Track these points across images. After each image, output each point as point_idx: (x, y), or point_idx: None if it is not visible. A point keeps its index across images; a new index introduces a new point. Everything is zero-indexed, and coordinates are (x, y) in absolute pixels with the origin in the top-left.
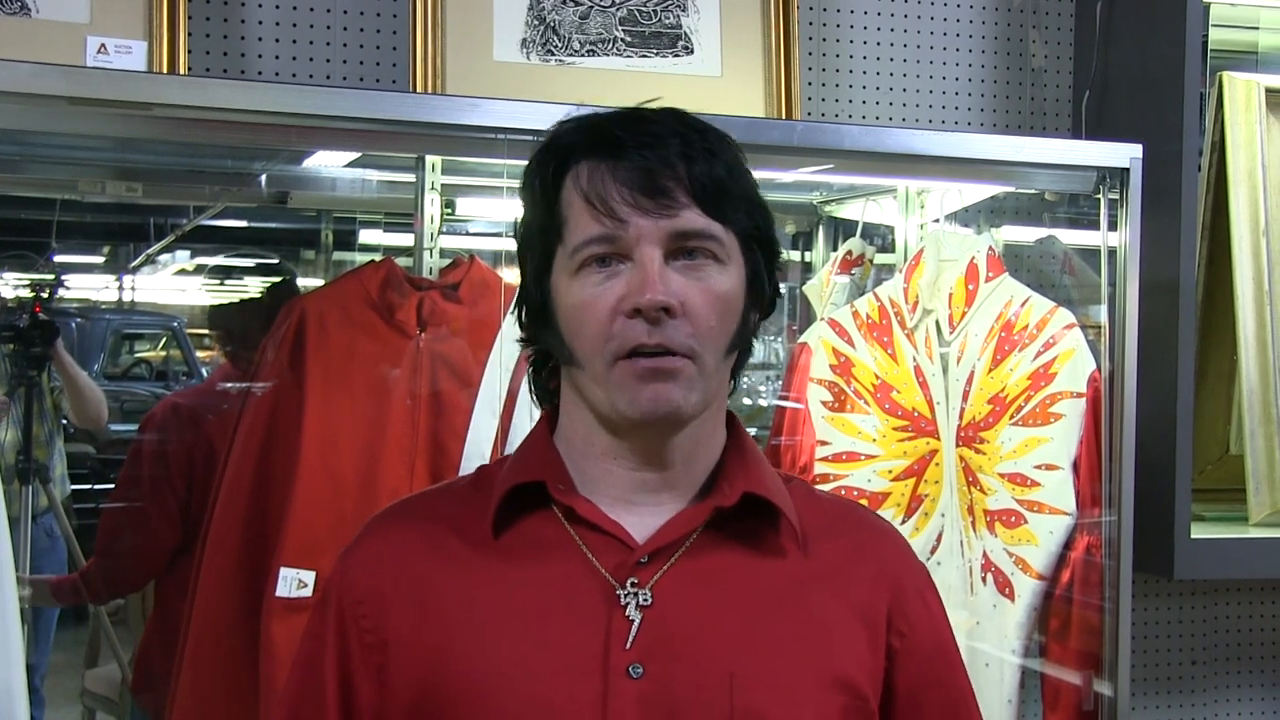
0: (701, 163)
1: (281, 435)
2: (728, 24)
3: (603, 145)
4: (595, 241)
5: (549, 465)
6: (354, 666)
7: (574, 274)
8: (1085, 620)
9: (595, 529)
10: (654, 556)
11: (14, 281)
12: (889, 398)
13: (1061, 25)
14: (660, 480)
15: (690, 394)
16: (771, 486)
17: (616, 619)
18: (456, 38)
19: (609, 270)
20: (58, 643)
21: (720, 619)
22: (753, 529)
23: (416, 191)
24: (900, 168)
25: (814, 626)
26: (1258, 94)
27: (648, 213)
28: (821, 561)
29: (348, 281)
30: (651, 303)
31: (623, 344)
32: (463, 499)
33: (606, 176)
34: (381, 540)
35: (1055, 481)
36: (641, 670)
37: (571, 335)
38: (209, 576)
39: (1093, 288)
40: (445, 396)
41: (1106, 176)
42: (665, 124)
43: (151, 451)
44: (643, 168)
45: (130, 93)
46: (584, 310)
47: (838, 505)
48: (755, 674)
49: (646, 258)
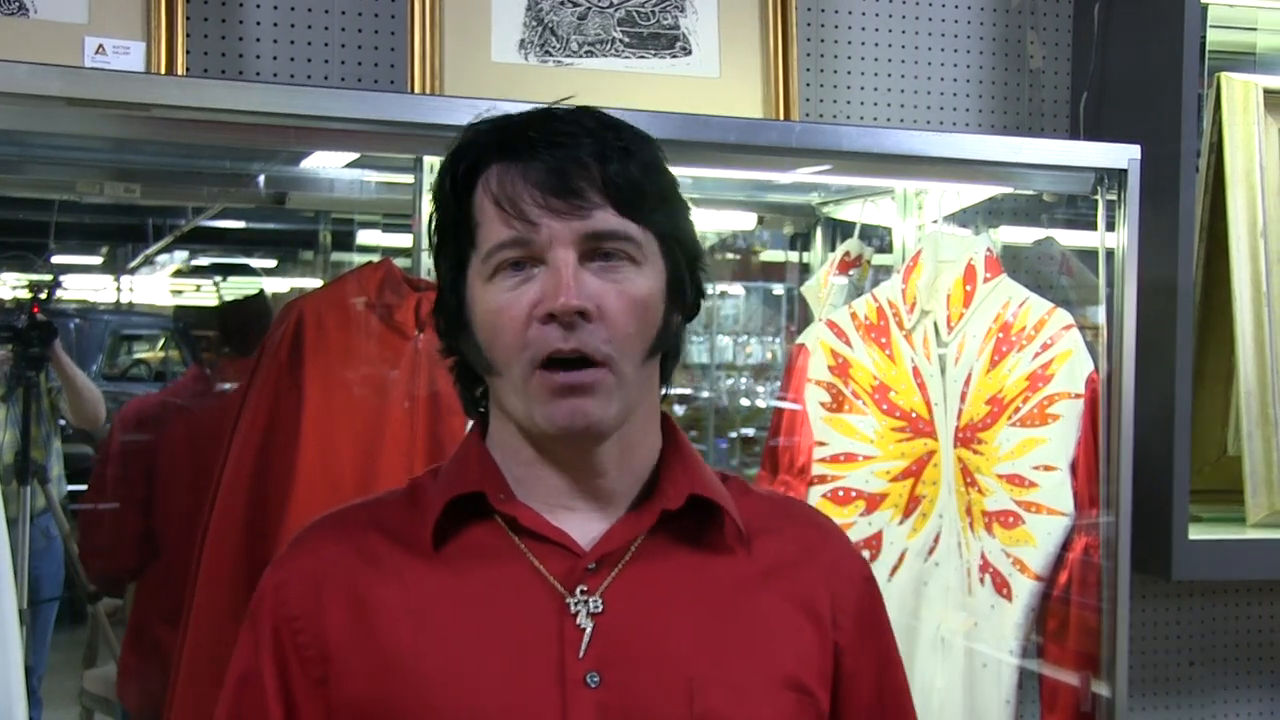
0: (616, 162)
1: (280, 437)
2: (726, 25)
3: (513, 146)
4: (507, 246)
5: (486, 474)
6: (295, 685)
7: (488, 280)
8: (1083, 621)
9: (539, 537)
10: (601, 562)
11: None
12: (887, 399)
13: (1059, 26)
14: (595, 488)
15: (609, 406)
16: (714, 486)
17: (568, 628)
18: (454, 39)
19: (523, 274)
20: (56, 643)
21: (673, 623)
22: (697, 530)
23: (414, 192)
24: (898, 169)
25: (764, 626)
26: (1255, 95)
27: (559, 214)
28: (765, 559)
29: (346, 282)
30: (565, 307)
31: (538, 351)
32: (399, 510)
33: (517, 178)
34: (313, 554)
35: (1053, 482)
36: (599, 679)
37: (488, 343)
38: (208, 578)
39: (1090, 289)
40: (443, 397)
41: (1104, 177)
42: (578, 123)
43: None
44: (554, 168)
45: (128, 93)
46: (498, 317)
47: (776, 502)
48: (712, 677)
49: (560, 261)
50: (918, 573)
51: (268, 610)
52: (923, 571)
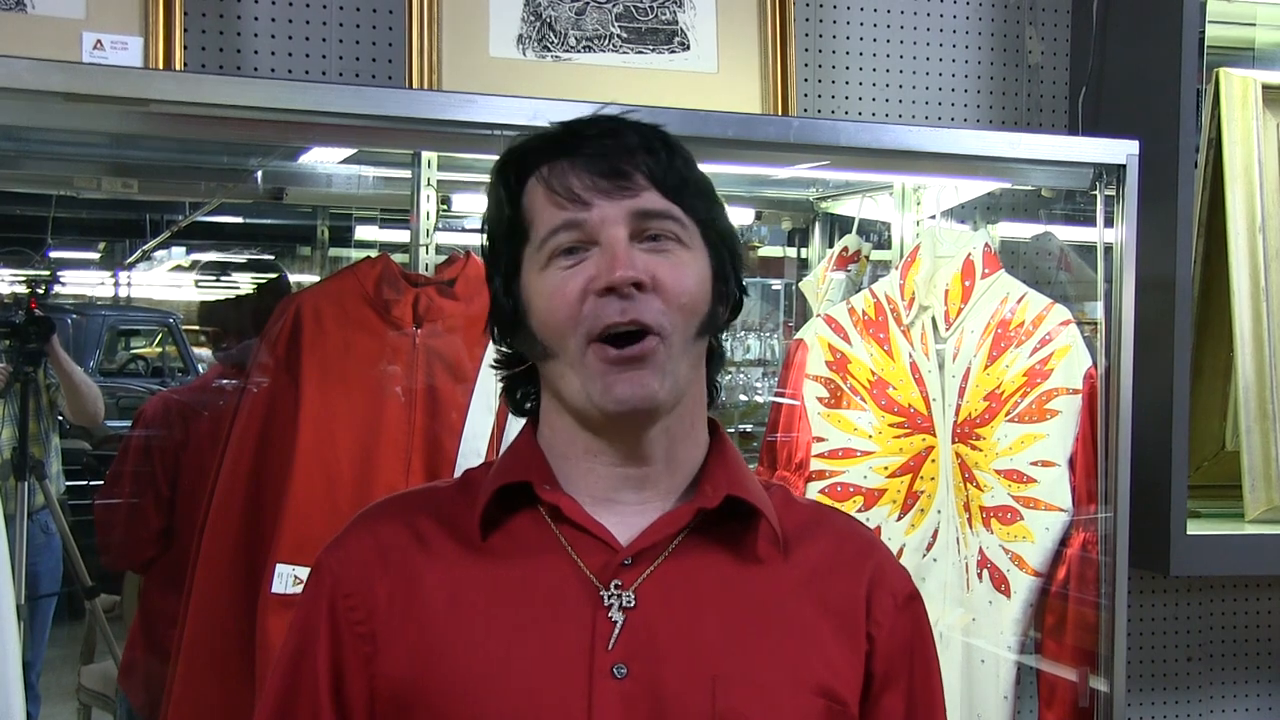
0: (661, 153)
1: (277, 431)
2: (724, 20)
3: (561, 143)
4: (561, 229)
5: (534, 466)
6: (346, 658)
7: (543, 268)
8: (1081, 616)
9: (580, 529)
10: (638, 558)
11: (10, 277)
12: (885, 394)
13: (1058, 21)
14: (642, 477)
15: (664, 379)
16: (754, 490)
17: (600, 620)
18: (452, 33)
19: (576, 258)
20: (54, 639)
21: (703, 622)
22: (735, 533)
23: (412, 187)
24: (897, 164)
25: (795, 633)
26: (1254, 90)
27: (609, 195)
28: (802, 568)
29: (344, 278)
30: (623, 278)
31: (595, 323)
32: (450, 499)
33: (567, 168)
34: (370, 535)
35: (1051, 478)
36: (626, 671)
37: (542, 326)
38: (205, 572)
39: (1089, 284)
40: (441, 392)
41: (1103, 173)
42: (621, 120)
43: (138, 446)
44: (602, 154)
45: (126, 88)
46: (553, 298)
47: (817, 511)
48: (737, 677)
49: (612, 238)
50: (916, 568)
51: (326, 588)
52: (921, 567)
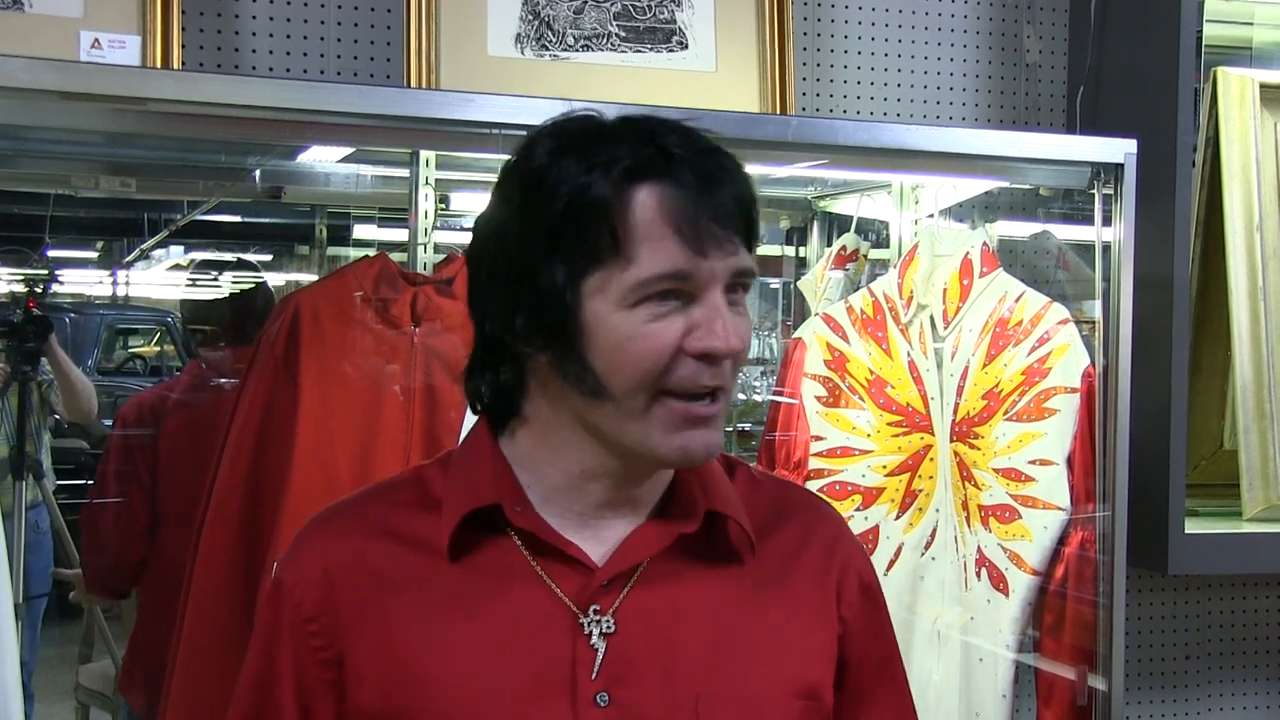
0: (752, 205)
1: (276, 430)
2: (722, 19)
3: (672, 164)
4: (671, 276)
5: (502, 484)
6: (311, 687)
7: (630, 306)
8: (1079, 615)
9: (554, 552)
10: (614, 580)
11: (8, 276)
12: (883, 393)
13: (1056, 20)
14: (632, 497)
15: (722, 430)
16: (728, 499)
17: (581, 647)
18: (450, 32)
19: (670, 305)
20: (53, 639)
21: (683, 641)
22: (706, 537)
23: (411, 186)
24: (895, 163)
25: (771, 637)
26: (1252, 89)
27: (721, 246)
28: (772, 560)
29: (342, 276)
30: (730, 350)
31: (680, 383)
32: (409, 506)
33: (692, 203)
34: (324, 554)
35: (1049, 477)
36: (608, 699)
37: (612, 367)
38: (204, 572)
39: (1087, 283)
40: (439, 391)
41: (1101, 172)
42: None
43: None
44: (724, 202)
45: (124, 87)
46: (638, 344)
47: (780, 493)
48: (721, 694)
49: (717, 300)
50: (914, 567)
51: (286, 611)
52: (919, 566)
